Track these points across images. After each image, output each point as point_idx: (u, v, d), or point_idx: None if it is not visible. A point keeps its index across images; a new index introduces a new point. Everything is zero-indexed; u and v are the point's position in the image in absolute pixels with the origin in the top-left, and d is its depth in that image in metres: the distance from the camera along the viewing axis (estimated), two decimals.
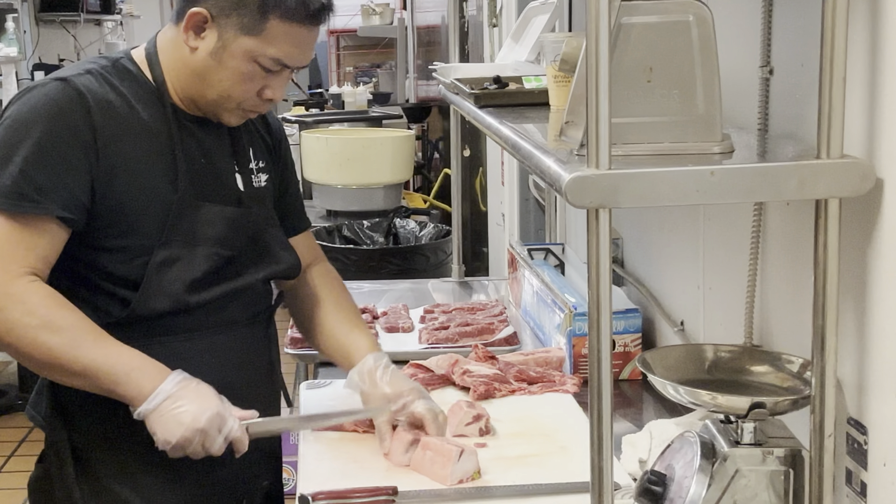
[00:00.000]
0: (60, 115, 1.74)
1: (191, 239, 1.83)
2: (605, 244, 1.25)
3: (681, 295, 2.20)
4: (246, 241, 1.91)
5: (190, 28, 1.78)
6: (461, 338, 2.50)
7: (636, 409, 2.18)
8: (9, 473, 4.42)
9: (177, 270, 1.82)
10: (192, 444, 1.73)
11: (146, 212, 1.80)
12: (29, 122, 1.74)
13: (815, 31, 1.29)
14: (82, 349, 1.71)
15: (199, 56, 1.79)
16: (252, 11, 1.74)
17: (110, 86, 1.80)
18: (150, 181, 1.80)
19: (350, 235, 4.36)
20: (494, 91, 2.18)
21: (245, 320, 1.94)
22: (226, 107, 1.83)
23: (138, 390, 1.72)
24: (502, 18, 3.98)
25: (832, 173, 1.28)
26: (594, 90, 1.21)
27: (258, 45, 1.76)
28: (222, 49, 1.77)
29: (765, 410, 1.40)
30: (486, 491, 1.78)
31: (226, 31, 1.76)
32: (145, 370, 1.74)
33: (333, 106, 6.81)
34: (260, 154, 1.98)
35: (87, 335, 1.72)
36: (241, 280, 1.90)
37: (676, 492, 1.43)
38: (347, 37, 9.92)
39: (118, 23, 9.71)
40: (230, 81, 1.79)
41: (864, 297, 1.38)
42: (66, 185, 1.73)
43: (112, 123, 1.77)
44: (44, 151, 1.72)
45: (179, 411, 1.72)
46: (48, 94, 1.75)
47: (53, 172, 1.72)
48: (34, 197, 1.71)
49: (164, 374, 1.74)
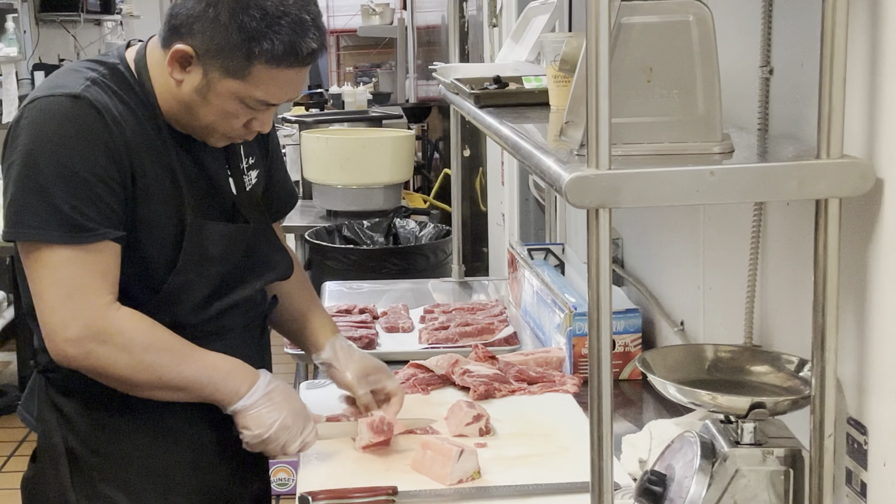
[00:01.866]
0: (85, 134, 1.69)
1: (199, 261, 1.83)
2: (605, 244, 1.25)
3: (681, 295, 2.20)
4: (243, 254, 1.92)
5: (175, 62, 1.72)
6: (461, 338, 2.50)
7: (636, 409, 2.18)
8: (9, 473, 4.42)
9: (187, 293, 1.84)
10: (278, 440, 1.82)
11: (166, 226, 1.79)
12: (52, 146, 1.68)
13: (815, 31, 1.29)
14: (183, 365, 1.78)
15: (185, 90, 1.74)
16: (237, 57, 1.68)
17: (117, 97, 1.75)
18: (165, 196, 1.78)
19: (350, 235, 4.36)
20: (494, 91, 2.18)
21: (240, 329, 1.96)
22: (212, 135, 1.81)
23: (235, 391, 1.81)
24: (502, 18, 3.98)
25: (832, 173, 1.28)
26: (594, 90, 1.21)
27: (243, 88, 1.71)
28: (207, 87, 1.72)
29: (765, 410, 1.40)
30: (486, 491, 1.78)
31: (210, 71, 1.70)
32: (239, 372, 1.83)
33: (333, 106, 6.80)
34: (250, 149, 1.95)
35: (184, 351, 1.79)
36: (238, 293, 1.92)
37: (676, 492, 1.43)
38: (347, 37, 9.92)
39: (118, 23, 9.71)
40: (215, 117, 1.76)
41: (864, 297, 1.38)
42: (108, 205, 1.71)
43: (127, 138, 1.73)
44: (79, 177, 1.68)
45: (271, 409, 1.81)
46: (67, 114, 1.69)
47: (95, 196, 1.69)
48: (88, 226, 1.69)
49: (255, 374, 1.84)
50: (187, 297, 1.84)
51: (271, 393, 1.82)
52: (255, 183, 1.96)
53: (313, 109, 6.78)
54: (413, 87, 7.79)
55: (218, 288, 1.88)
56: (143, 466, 1.87)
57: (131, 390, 1.79)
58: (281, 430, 1.81)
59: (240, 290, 1.92)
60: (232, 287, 1.91)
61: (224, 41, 1.67)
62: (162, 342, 1.77)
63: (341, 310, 2.72)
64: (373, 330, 2.57)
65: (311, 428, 1.86)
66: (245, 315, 1.97)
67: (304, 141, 4.89)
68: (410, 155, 4.90)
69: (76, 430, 1.86)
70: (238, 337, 1.95)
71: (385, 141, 4.82)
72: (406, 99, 7.76)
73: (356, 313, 2.70)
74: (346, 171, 4.68)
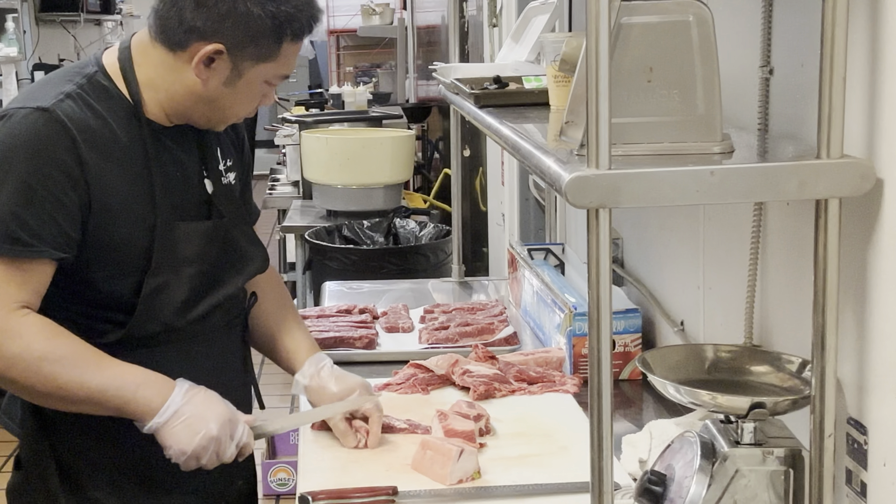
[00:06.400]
0: (47, 151, 1.69)
1: (175, 262, 1.82)
2: (605, 244, 1.25)
3: (681, 295, 2.20)
4: (220, 250, 1.90)
5: (200, 62, 1.74)
6: (461, 338, 2.50)
7: (636, 409, 2.18)
8: (9, 473, 4.40)
9: (166, 295, 1.82)
10: (207, 453, 1.73)
11: (131, 237, 1.78)
12: (14, 159, 1.69)
13: (815, 31, 1.29)
14: (87, 375, 1.71)
15: (212, 85, 1.77)
16: (269, 41, 1.75)
17: (90, 108, 1.75)
18: (133, 207, 1.78)
19: (350, 235, 4.36)
20: (494, 91, 2.18)
21: (223, 326, 1.94)
22: (224, 122, 1.86)
23: (147, 405, 1.72)
24: (502, 18, 3.98)
25: (832, 173, 1.28)
26: (594, 90, 1.21)
27: (273, 68, 1.79)
28: (237, 77, 1.77)
29: (765, 410, 1.40)
30: (486, 491, 1.78)
31: (241, 62, 1.75)
32: (152, 385, 1.74)
33: (333, 106, 6.80)
34: (228, 152, 1.96)
35: (88, 360, 1.72)
36: (222, 291, 1.91)
37: (676, 492, 1.43)
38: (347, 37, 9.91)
39: (118, 23, 9.72)
40: (242, 103, 1.82)
41: (864, 297, 1.38)
42: (58, 225, 1.70)
43: (96, 153, 1.73)
44: (33, 191, 1.68)
45: (191, 422, 1.72)
46: (31, 128, 1.70)
47: (45, 213, 1.69)
48: (26, 240, 1.69)
49: (170, 385, 1.75)
50: (168, 298, 1.82)
51: (189, 403, 1.73)
52: (233, 184, 1.96)
53: (313, 109, 6.78)
54: (413, 87, 7.78)
55: (199, 288, 1.87)
56: (133, 470, 1.85)
57: (37, 400, 1.76)
58: (207, 442, 1.73)
59: (223, 288, 1.91)
60: (214, 285, 1.89)
61: (256, 30, 1.73)
62: (64, 349, 1.71)
63: (341, 310, 2.72)
64: (373, 330, 2.57)
65: (242, 429, 1.78)
66: (228, 313, 1.95)
67: (304, 141, 4.89)
68: (410, 155, 4.90)
69: (62, 436, 1.84)
70: (221, 335, 1.94)
71: (385, 141, 4.82)
72: (406, 99, 7.76)
73: (356, 313, 2.70)
74: (346, 171, 4.68)
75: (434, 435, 1.92)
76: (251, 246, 1.98)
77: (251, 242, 1.99)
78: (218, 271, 1.90)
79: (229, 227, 1.91)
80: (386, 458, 1.90)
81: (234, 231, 1.93)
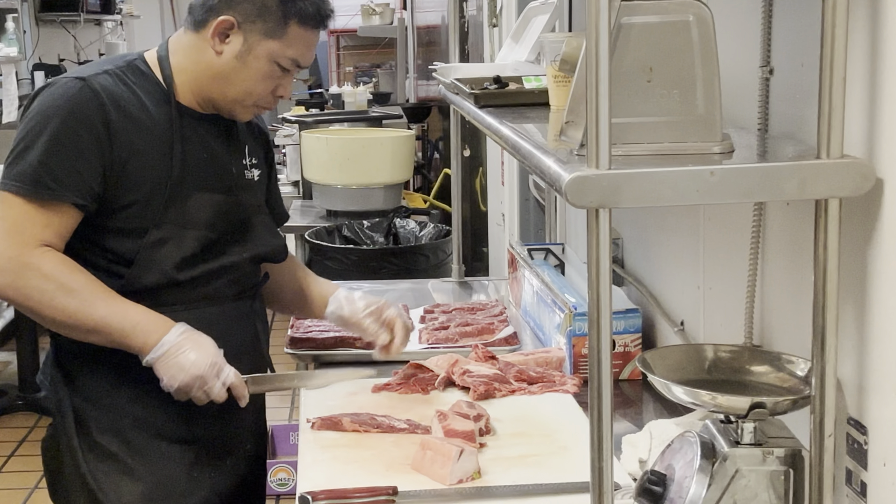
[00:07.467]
0: (78, 112, 1.91)
1: (182, 222, 1.99)
2: (605, 244, 1.25)
3: (681, 295, 2.20)
4: (233, 225, 2.07)
5: (216, 34, 1.97)
6: (461, 338, 2.50)
7: (636, 409, 2.18)
8: (9, 473, 4.42)
9: (167, 250, 1.98)
10: (193, 389, 1.92)
11: (146, 197, 1.96)
12: (49, 116, 1.92)
13: (815, 31, 1.29)
14: (94, 307, 1.90)
15: (225, 59, 1.98)
16: (275, 18, 1.96)
17: (124, 84, 1.98)
18: (152, 170, 1.96)
19: (350, 235, 4.36)
20: (494, 91, 2.18)
21: (232, 296, 2.10)
22: (244, 104, 2.03)
23: (144, 341, 1.92)
24: (502, 18, 3.98)
25: (832, 173, 1.28)
26: (594, 90, 1.22)
27: (279, 48, 1.97)
28: (247, 52, 1.97)
29: (765, 410, 1.40)
30: (486, 491, 1.78)
31: (251, 36, 1.97)
32: (150, 323, 1.93)
33: (333, 106, 6.80)
34: (254, 152, 2.16)
35: (97, 295, 1.91)
36: (226, 258, 2.06)
37: (676, 492, 1.43)
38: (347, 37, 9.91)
39: (118, 23, 9.71)
40: (253, 80, 1.99)
41: (864, 297, 1.38)
42: (81, 175, 1.91)
43: (123, 118, 1.94)
44: (61, 143, 1.90)
45: (180, 358, 1.91)
46: (67, 93, 1.93)
47: (69, 164, 1.90)
48: (51, 185, 1.90)
49: (168, 325, 1.94)
50: (168, 252, 1.98)
51: (181, 342, 1.92)
52: (256, 180, 2.15)
53: (313, 109, 6.79)
54: (413, 87, 7.78)
55: (205, 249, 2.02)
56: (135, 416, 2.01)
57: (51, 326, 1.95)
58: (192, 379, 1.91)
59: (228, 256, 2.06)
60: (217, 253, 2.05)
61: (263, 5, 1.95)
62: (77, 283, 1.90)
63: None
64: None
65: (228, 371, 1.95)
66: (236, 283, 2.10)
67: (304, 141, 4.89)
68: (410, 155, 4.90)
69: (77, 385, 2.03)
70: (230, 304, 2.09)
71: (385, 141, 4.82)
72: (406, 99, 7.76)
73: None
74: (346, 171, 4.68)
75: (434, 435, 1.92)
76: (268, 234, 2.15)
77: (269, 232, 2.16)
78: (222, 242, 2.06)
79: (247, 209, 2.09)
80: (386, 458, 1.90)
81: (254, 218, 2.11)
